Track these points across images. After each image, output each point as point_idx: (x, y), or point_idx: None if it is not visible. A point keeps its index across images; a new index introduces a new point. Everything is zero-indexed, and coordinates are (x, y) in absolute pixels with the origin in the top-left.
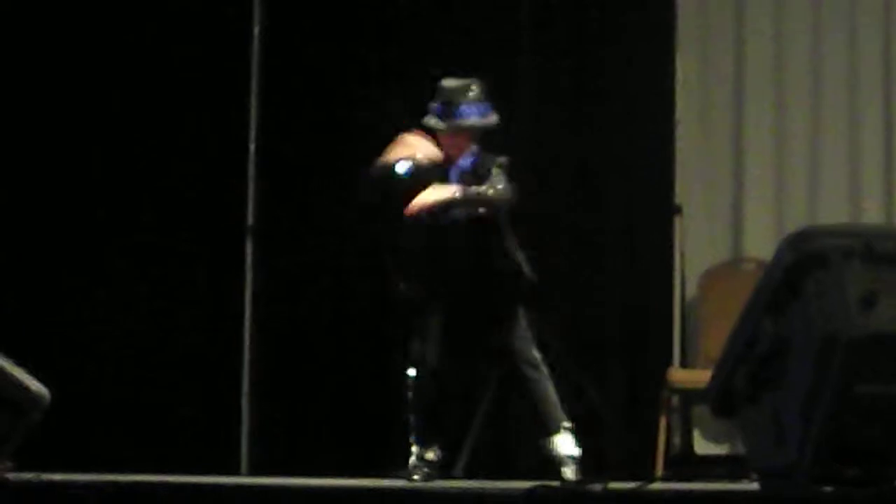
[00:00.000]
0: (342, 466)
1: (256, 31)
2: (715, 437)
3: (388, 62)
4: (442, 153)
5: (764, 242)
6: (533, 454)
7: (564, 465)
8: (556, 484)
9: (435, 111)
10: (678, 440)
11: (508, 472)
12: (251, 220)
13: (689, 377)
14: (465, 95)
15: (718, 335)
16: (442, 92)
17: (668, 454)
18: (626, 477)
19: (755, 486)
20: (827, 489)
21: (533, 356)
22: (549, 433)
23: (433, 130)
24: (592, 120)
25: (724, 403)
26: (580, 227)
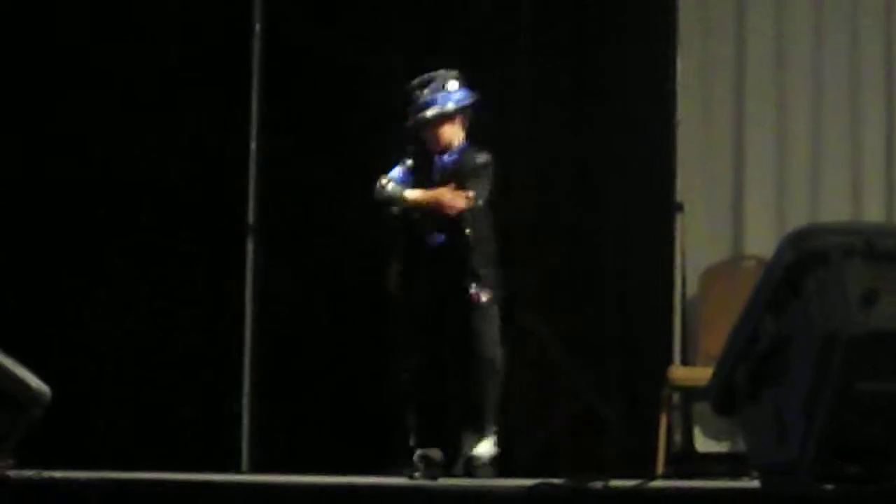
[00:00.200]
0: (343, 465)
1: (257, 29)
2: (716, 434)
3: (388, 62)
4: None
5: (765, 240)
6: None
7: (480, 466)
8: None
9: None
10: (679, 438)
11: (507, 470)
12: (252, 219)
13: (689, 375)
14: (421, 90)
15: (719, 333)
16: (407, 92)
17: (669, 452)
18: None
19: (756, 483)
20: (828, 486)
21: (490, 356)
22: (476, 435)
23: (413, 129)
24: (593, 118)
25: (724, 401)
26: (580, 225)
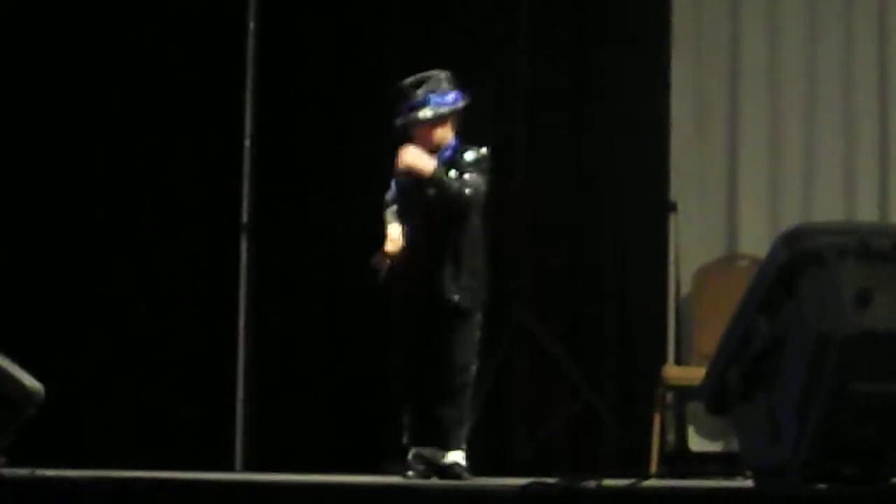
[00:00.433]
0: (336, 464)
1: (251, 27)
2: (709, 434)
3: (384, 61)
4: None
5: (758, 240)
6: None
7: (456, 472)
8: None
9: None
10: (672, 437)
11: (503, 468)
12: (246, 218)
13: (683, 374)
14: (414, 90)
15: (712, 332)
16: (400, 91)
17: (662, 451)
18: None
19: (749, 483)
20: (821, 487)
21: (462, 364)
22: (445, 448)
23: (403, 128)
24: (588, 119)
25: (718, 401)
26: (573, 225)
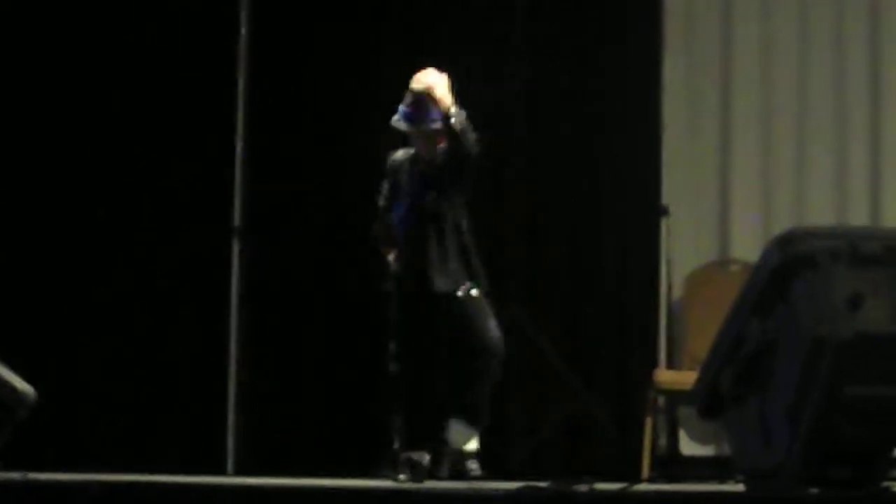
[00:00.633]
0: (328, 468)
1: (244, 30)
2: (701, 437)
3: (379, 61)
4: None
5: (750, 244)
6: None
7: (472, 464)
8: (543, 485)
9: (403, 114)
10: (664, 441)
11: (498, 470)
12: (237, 220)
13: (675, 378)
14: (420, 97)
15: (705, 336)
16: (410, 95)
17: (654, 455)
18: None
19: (741, 487)
20: (813, 490)
21: (494, 338)
22: (469, 431)
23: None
24: (579, 121)
25: (710, 405)
26: (566, 227)
